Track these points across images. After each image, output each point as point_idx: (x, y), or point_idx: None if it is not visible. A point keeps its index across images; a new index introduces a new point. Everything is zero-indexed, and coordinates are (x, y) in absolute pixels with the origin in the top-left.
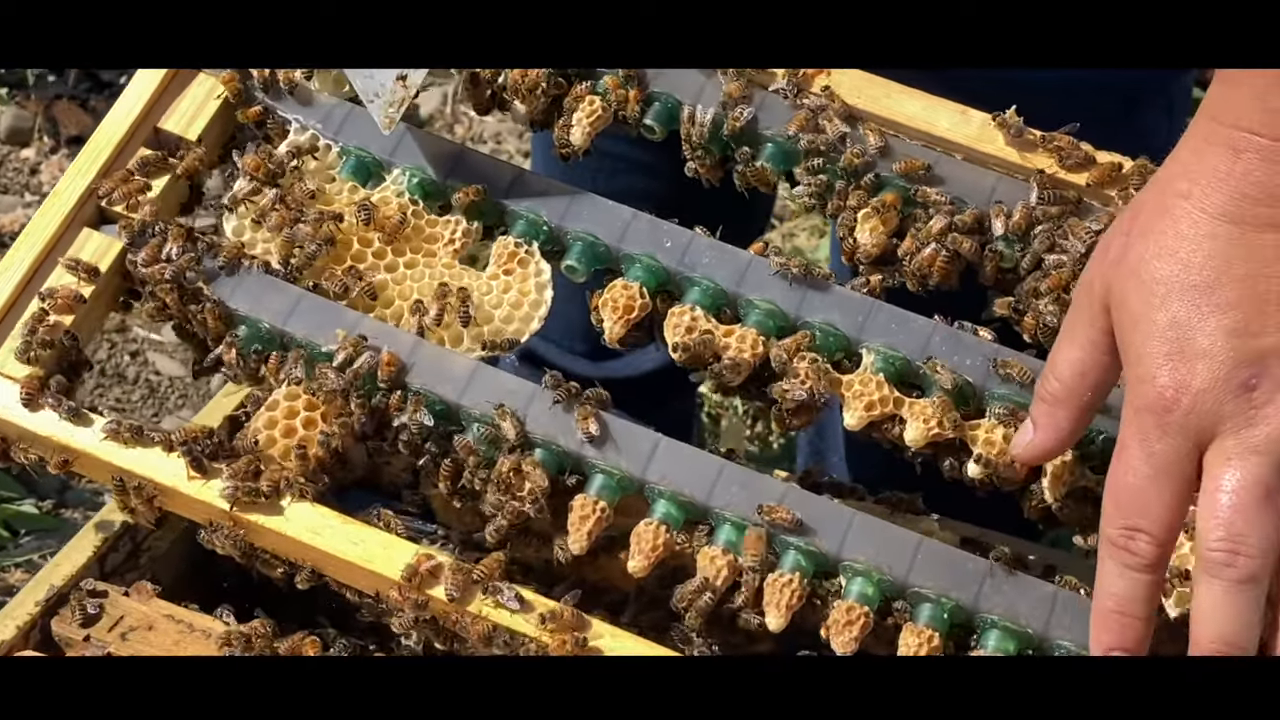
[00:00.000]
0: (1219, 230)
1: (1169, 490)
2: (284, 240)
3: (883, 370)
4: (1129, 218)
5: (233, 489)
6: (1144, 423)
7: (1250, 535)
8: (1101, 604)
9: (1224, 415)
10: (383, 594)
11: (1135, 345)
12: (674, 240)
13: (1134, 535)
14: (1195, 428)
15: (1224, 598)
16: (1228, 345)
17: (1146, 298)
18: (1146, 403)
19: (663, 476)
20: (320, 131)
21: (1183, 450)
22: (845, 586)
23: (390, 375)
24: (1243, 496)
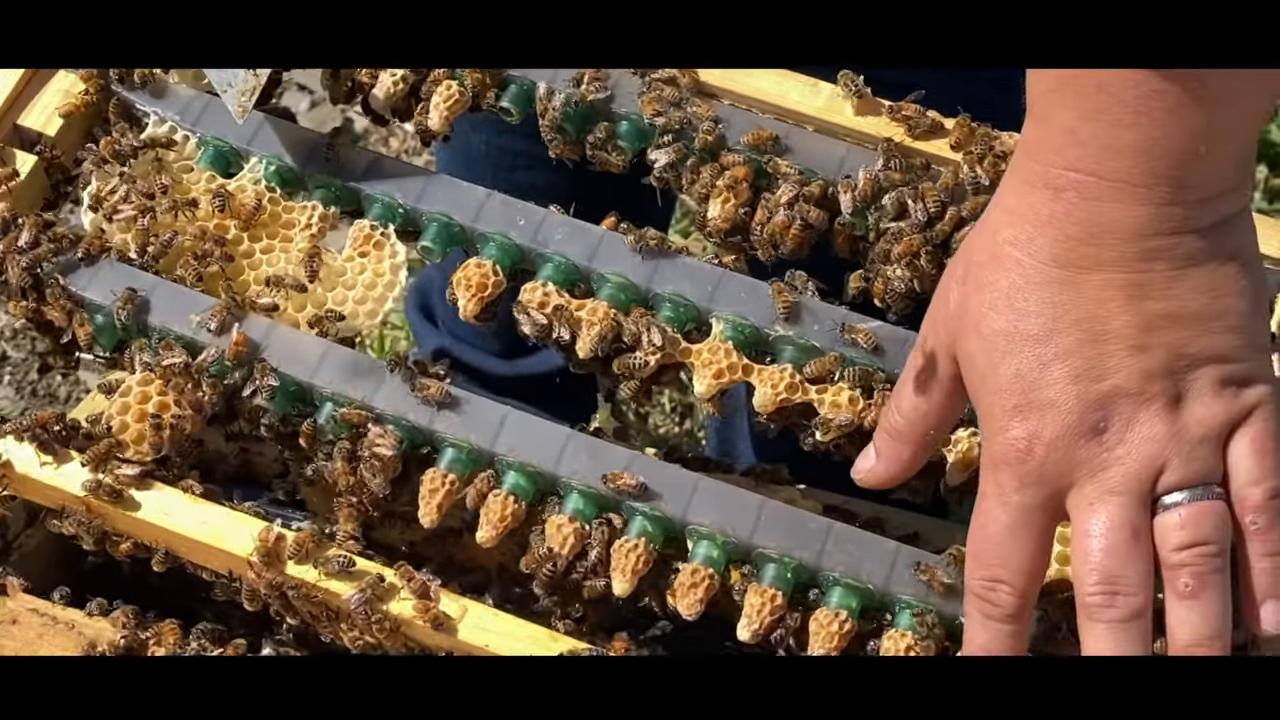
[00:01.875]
0: (1050, 275)
1: (1028, 541)
2: (139, 230)
3: (732, 338)
4: (960, 263)
5: (94, 482)
6: (999, 475)
7: (1126, 574)
8: (968, 654)
9: (1078, 461)
10: (235, 572)
11: (985, 400)
12: (528, 218)
13: (994, 586)
14: (1051, 477)
15: (1110, 639)
16: (1073, 392)
17: (989, 353)
18: (1001, 455)
19: (511, 448)
20: (178, 123)
21: (1039, 499)
22: (691, 549)
23: (239, 355)
24: (1111, 539)
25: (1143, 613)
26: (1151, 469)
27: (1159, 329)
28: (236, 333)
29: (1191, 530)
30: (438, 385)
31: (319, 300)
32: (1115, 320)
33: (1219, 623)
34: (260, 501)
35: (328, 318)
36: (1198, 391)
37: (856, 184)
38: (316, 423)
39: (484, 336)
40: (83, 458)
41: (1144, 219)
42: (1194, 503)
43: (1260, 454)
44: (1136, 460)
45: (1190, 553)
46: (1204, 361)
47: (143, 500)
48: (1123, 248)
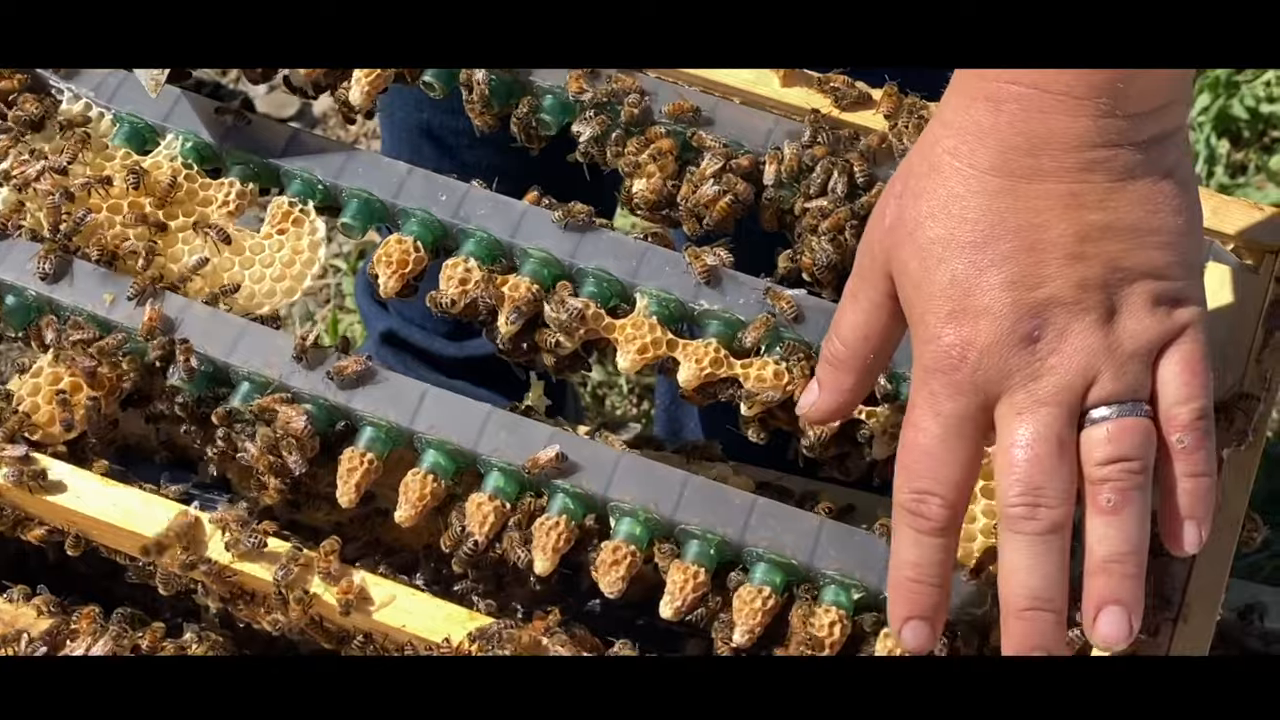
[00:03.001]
0: (989, 184)
1: (959, 450)
2: (50, 207)
3: (656, 313)
4: (899, 180)
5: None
6: (931, 384)
7: (1047, 487)
8: (898, 574)
9: (1010, 370)
10: (150, 556)
11: (918, 308)
12: (449, 194)
13: (925, 498)
14: (983, 385)
15: (1028, 551)
16: (1008, 299)
17: (924, 259)
18: (933, 363)
19: (430, 426)
20: (93, 100)
21: (971, 408)
22: (614, 526)
23: (152, 332)
24: (1036, 449)
25: (1062, 526)
26: (1083, 380)
27: (1095, 240)
28: (150, 309)
29: (1117, 445)
30: (354, 361)
31: (234, 278)
32: (1052, 229)
33: (1137, 539)
34: (168, 480)
35: (223, 292)
36: (1131, 306)
37: (782, 157)
38: (232, 404)
39: (433, 319)
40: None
41: (1084, 130)
42: (1121, 418)
43: (1190, 373)
44: (1068, 371)
45: (1114, 468)
46: (1139, 276)
47: (54, 483)
48: (1062, 158)
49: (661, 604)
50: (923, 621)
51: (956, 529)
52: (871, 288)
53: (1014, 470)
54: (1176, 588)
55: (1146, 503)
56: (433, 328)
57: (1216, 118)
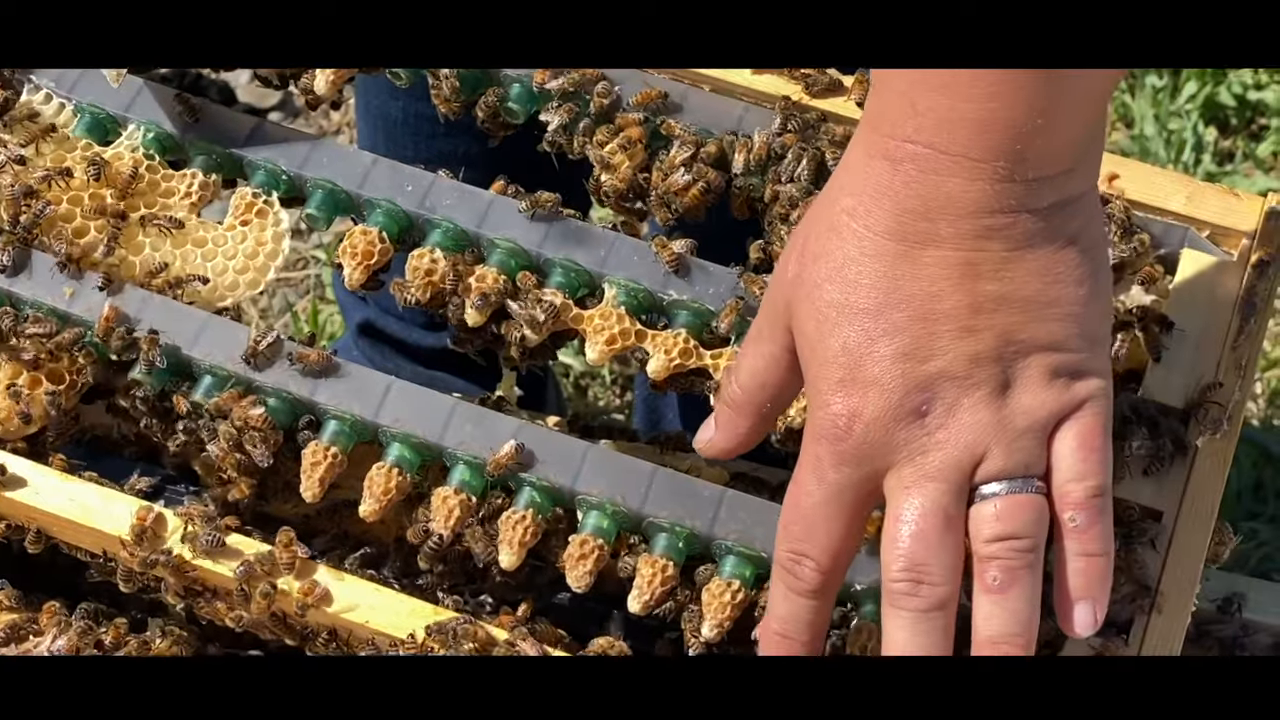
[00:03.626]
0: (885, 249)
1: (838, 520)
2: (9, 199)
3: (625, 303)
4: (800, 235)
5: None
6: (818, 449)
7: (932, 564)
8: (767, 624)
9: (897, 444)
10: (110, 552)
11: (812, 371)
12: (415, 184)
13: (800, 560)
14: (869, 456)
15: (911, 627)
16: (897, 371)
17: (820, 323)
18: (820, 430)
19: (395, 419)
20: (54, 90)
21: (855, 479)
22: (581, 520)
23: (107, 329)
24: (922, 525)
25: (946, 604)
26: (971, 456)
27: (989, 311)
28: (108, 306)
29: (1006, 523)
30: (317, 353)
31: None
32: (947, 300)
33: (1026, 619)
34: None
35: (186, 280)
36: (1026, 381)
37: (752, 144)
38: (194, 397)
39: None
40: None
41: (981, 195)
42: (1012, 495)
43: (1085, 449)
44: (956, 447)
45: (1002, 545)
46: (1034, 349)
47: (12, 478)
48: (959, 224)
49: (630, 598)
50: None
51: (831, 591)
52: (771, 340)
53: (898, 545)
54: (1151, 579)
55: (1036, 581)
56: (410, 318)
57: (1204, 105)
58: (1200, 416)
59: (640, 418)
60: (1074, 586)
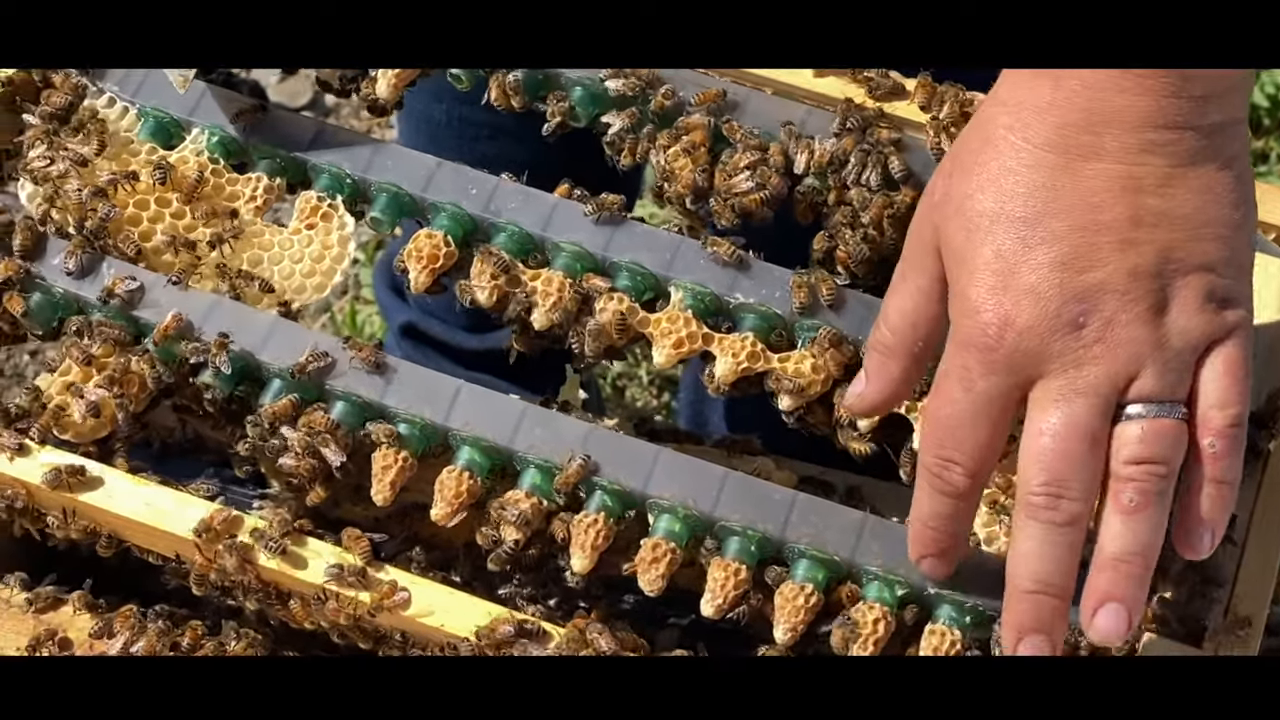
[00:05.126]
0: (1044, 160)
1: (985, 428)
2: (76, 204)
3: (691, 306)
4: (950, 159)
5: (53, 474)
6: (966, 358)
7: (1072, 479)
8: (916, 521)
9: (1050, 354)
10: (183, 556)
11: (961, 281)
12: (480, 187)
13: (948, 466)
14: (1020, 366)
15: (1043, 540)
16: (1055, 280)
17: (970, 232)
18: (970, 338)
19: (465, 423)
20: (117, 94)
21: (1003, 388)
22: (652, 523)
23: (166, 336)
24: (1068, 441)
25: (1079, 521)
26: (1125, 374)
27: (1150, 225)
28: (170, 316)
29: (1149, 446)
30: (369, 348)
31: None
32: (1108, 212)
33: (1149, 542)
34: (208, 475)
35: (240, 276)
36: (1182, 301)
37: (814, 148)
38: (264, 401)
39: (454, 310)
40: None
41: (1146, 110)
42: (1158, 418)
43: (1230, 377)
44: (1111, 362)
45: (1141, 469)
46: (1191, 269)
47: (88, 482)
48: (1123, 138)
49: (703, 602)
50: (941, 559)
51: (977, 493)
52: (919, 271)
53: (1041, 458)
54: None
55: (1166, 507)
56: (453, 320)
57: None
58: (1273, 422)
59: (685, 420)
60: (1204, 510)
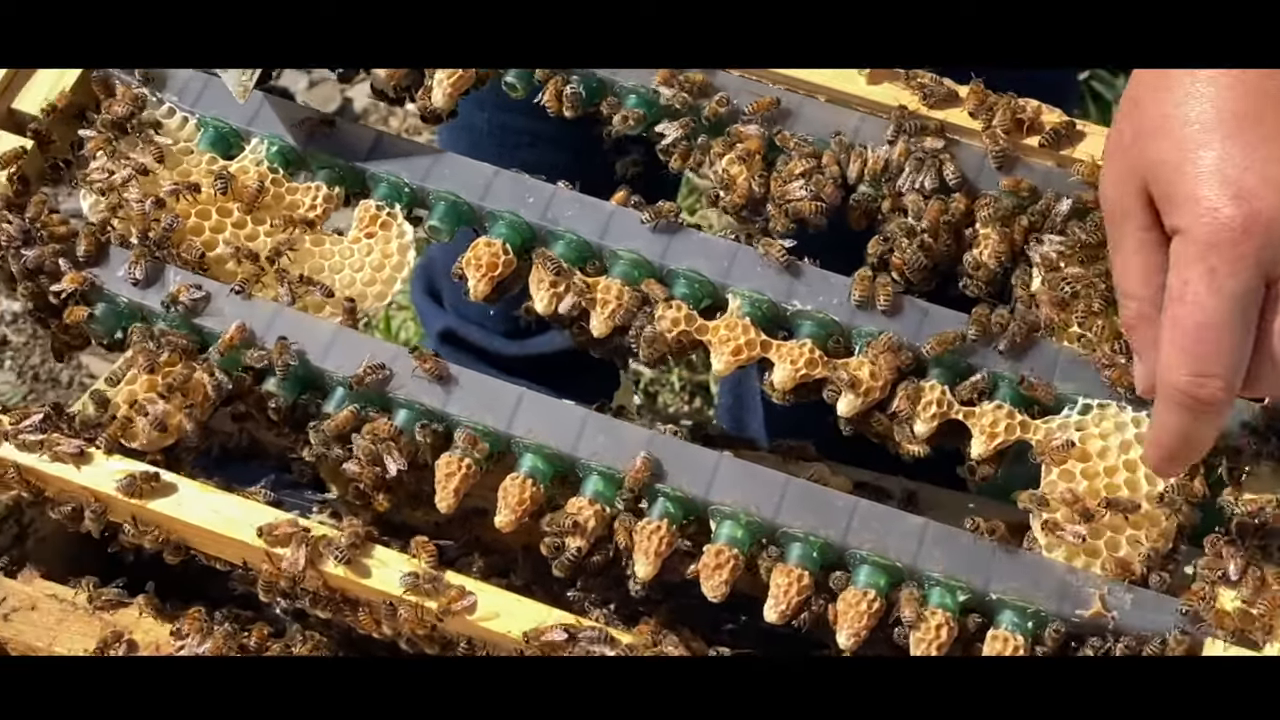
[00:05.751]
0: (1233, 73)
1: (1239, 328)
2: (139, 214)
3: (749, 314)
4: (1126, 103)
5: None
6: (1210, 259)
7: None
8: (1165, 449)
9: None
10: (250, 563)
11: (1185, 191)
12: (537, 195)
13: (1205, 381)
14: (1269, 260)
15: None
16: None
17: (1184, 144)
18: (1212, 236)
19: (528, 430)
20: (177, 104)
21: (1255, 284)
22: (715, 530)
23: (230, 347)
24: None
25: None
26: None
27: None
28: (234, 327)
29: None
30: (434, 360)
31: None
32: None
33: None
34: (269, 481)
35: (300, 281)
36: None
37: (867, 155)
38: (327, 409)
39: (491, 316)
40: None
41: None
42: None
43: None
44: None
45: None
46: None
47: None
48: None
49: (766, 607)
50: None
51: (1231, 404)
52: (1133, 221)
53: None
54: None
55: None
56: (491, 326)
57: None
58: None
59: (724, 426)
60: None
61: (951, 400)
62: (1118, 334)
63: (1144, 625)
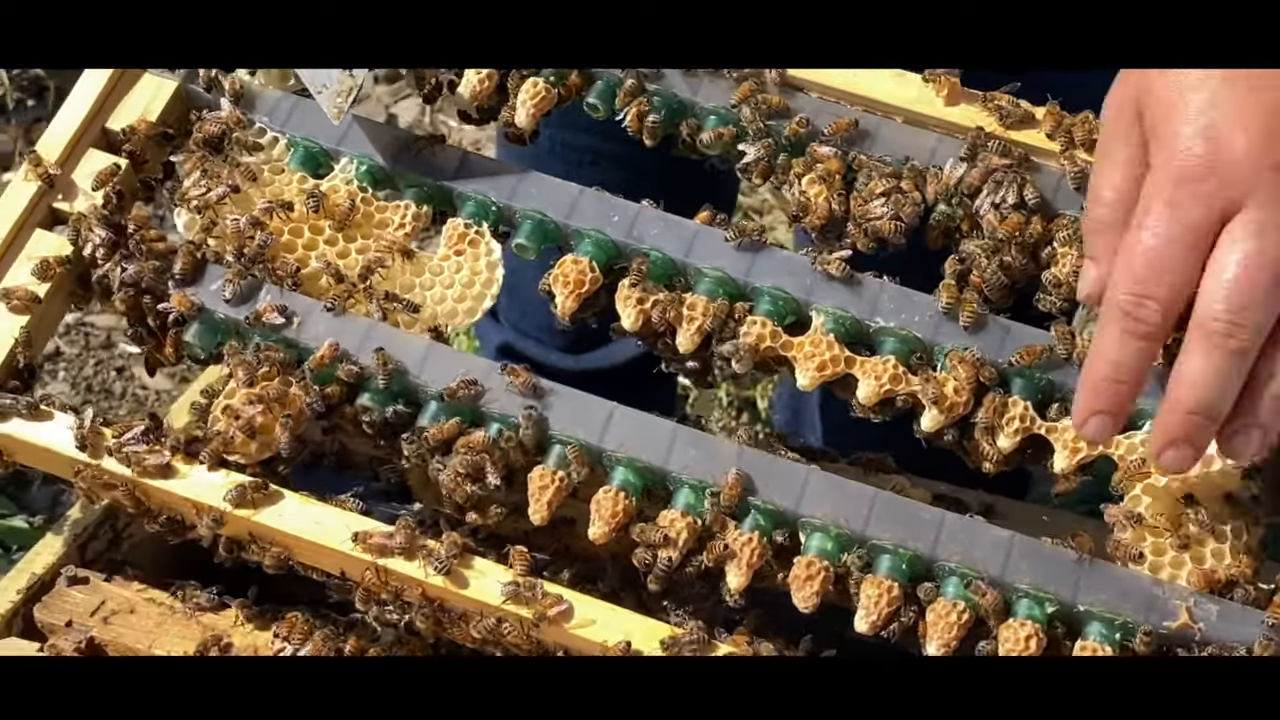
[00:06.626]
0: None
1: (1188, 259)
2: (234, 232)
3: (833, 330)
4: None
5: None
6: (1175, 191)
7: (1253, 310)
8: (1096, 369)
9: (1254, 188)
10: (348, 572)
11: (1170, 128)
12: (621, 214)
13: (1143, 302)
14: (1225, 198)
15: (1214, 367)
16: (1267, 121)
17: (1180, 87)
18: (1180, 171)
19: (620, 444)
20: (267, 125)
21: (1208, 221)
22: (805, 542)
23: (321, 364)
24: (1254, 271)
25: (1249, 353)
26: None
27: None
28: (327, 345)
29: None
30: (525, 373)
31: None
32: None
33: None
34: (358, 491)
35: (387, 298)
36: None
37: (943, 175)
38: (420, 423)
39: (548, 332)
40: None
41: None
42: None
43: None
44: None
45: None
46: None
47: (266, 498)
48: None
49: (857, 618)
50: (1108, 417)
51: (1165, 335)
52: (1123, 142)
53: (1225, 285)
54: None
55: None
56: (549, 342)
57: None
58: None
59: None
60: None
61: (1034, 415)
62: None
63: (1230, 637)
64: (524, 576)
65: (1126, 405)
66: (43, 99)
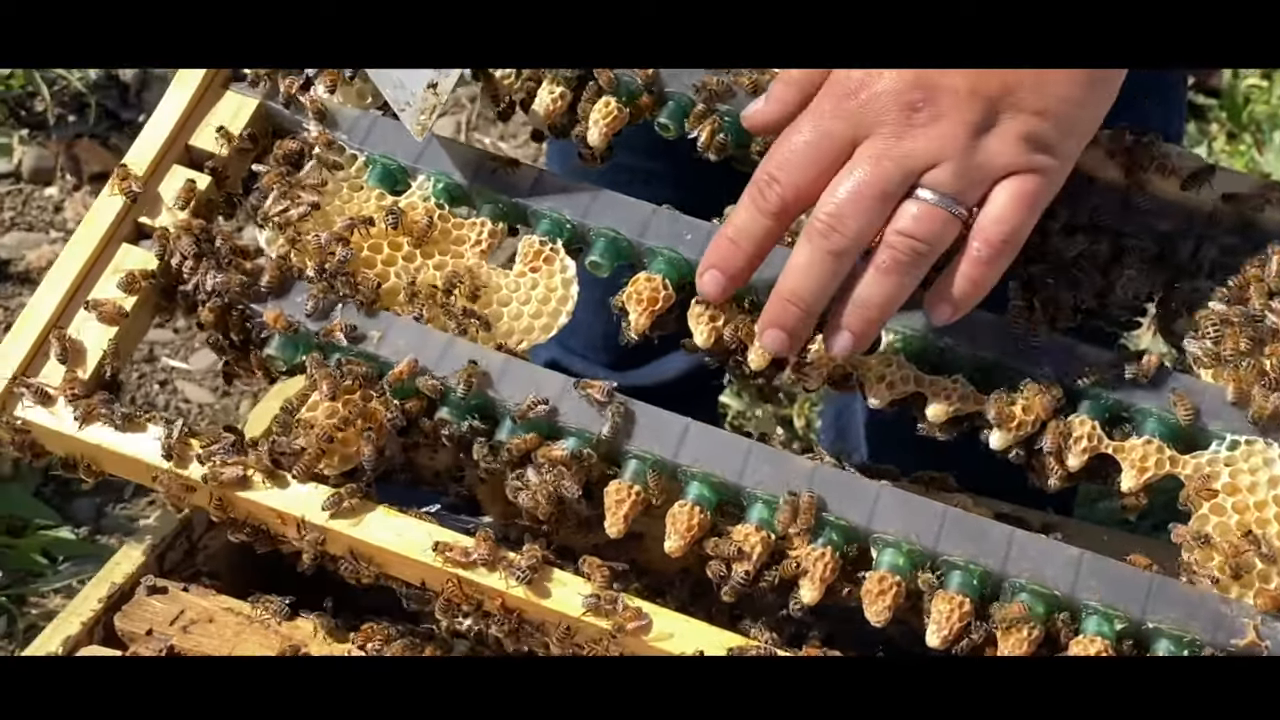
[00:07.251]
0: None
1: (817, 162)
2: (315, 248)
3: (902, 350)
4: None
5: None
6: (826, 104)
7: (852, 219)
8: (721, 232)
9: (885, 119)
10: (429, 583)
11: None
12: (694, 233)
13: (771, 184)
14: (858, 121)
15: (811, 261)
16: (913, 75)
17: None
18: (835, 88)
19: (695, 459)
20: (346, 142)
21: (841, 134)
22: (876, 558)
23: (399, 379)
24: (863, 189)
25: (846, 254)
26: (927, 160)
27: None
28: (406, 362)
29: (919, 225)
30: (599, 384)
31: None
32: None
33: (881, 302)
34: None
35: (465, 315)
36: (1003, 130)
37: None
38: (498, 437)
39: (594, 349)
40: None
41: None
42: (936, 207)
43: (1016, 202)
44: (923, 146)
45: (903, 239)
46: (1025, 111)
47: (355, 508)
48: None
49: (928, 633)
50: (722, 274)
51: (786, 219)
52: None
53: (835, 194)
54: None
55: (909, 285)
56: (595, 358)
57: None
58: None
59: None
60: (955, 288)
61: (1101, 435)
62: (1263, 372)
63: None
64: (604, 589)
65: (739, 267)
66: (84, 115)
